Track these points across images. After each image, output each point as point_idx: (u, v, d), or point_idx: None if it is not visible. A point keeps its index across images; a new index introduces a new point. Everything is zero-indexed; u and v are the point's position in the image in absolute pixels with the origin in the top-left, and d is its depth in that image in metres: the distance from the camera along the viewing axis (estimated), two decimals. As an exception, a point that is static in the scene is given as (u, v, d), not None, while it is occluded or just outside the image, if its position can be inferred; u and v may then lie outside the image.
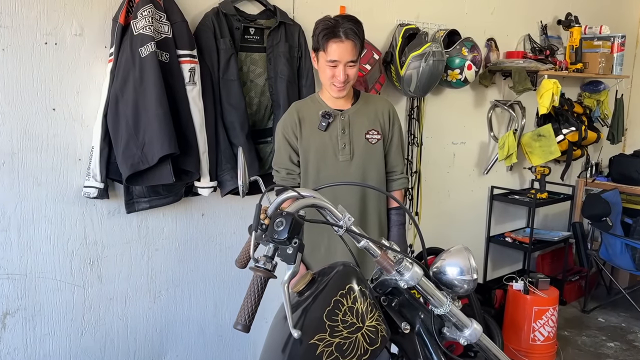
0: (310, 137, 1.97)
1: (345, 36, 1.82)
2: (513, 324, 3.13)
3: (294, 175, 2.00)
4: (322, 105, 1.98)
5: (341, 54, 1.83)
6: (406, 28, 2.76)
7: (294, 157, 1.99)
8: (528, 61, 3.29)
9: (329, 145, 1.96)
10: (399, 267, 1.28)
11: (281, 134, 1.99)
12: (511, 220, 3.91)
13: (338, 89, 1.91)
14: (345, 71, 1.86)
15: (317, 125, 1.95)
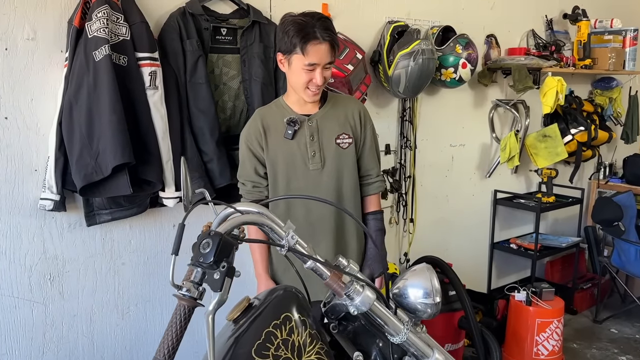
0: (277, 146, 1.83)
1: (322, 37, 1.69)
2: (515, 337, 2.95)
3: (261, 188, 1.87)
4: (287, 111, 1.84)
5: (320, 56, 1.70)
6: (395, 25, 2.62)
7: (260, 169, 1.86)
8: (530, 58, 3.11)
9: (297, 154, 1.82)
10: (348, 290, 1.14)
11: (245, 144, 1.85)
12: (517, 225, 3.72)
13: (314, 93, 1.78)
14: (322, 74, 1.74)
15: (284, 133, 1.81)
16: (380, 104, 2.84)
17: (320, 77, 1.73)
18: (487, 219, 3.56)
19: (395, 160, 2.96)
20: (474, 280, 3.48)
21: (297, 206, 1.86)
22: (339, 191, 1.86)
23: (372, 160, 1.95)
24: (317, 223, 1.85)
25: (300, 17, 1.72)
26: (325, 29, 1.69)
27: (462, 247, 3.42)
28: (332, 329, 1.19)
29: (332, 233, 1.86)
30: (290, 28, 1.70)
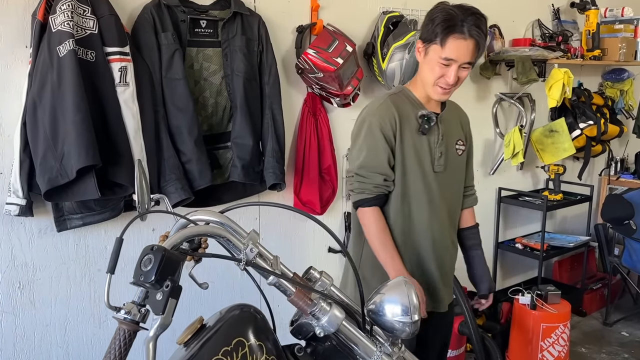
0: (410, 140, 1.67)
1: (469, 33, 1.54)
2: (519, 343, 2.82)
3: (389, 182, 1.67)
4: (418, 105, 1.69)
5: (461, 53, 1.56)
6: (389, 16, 2.48)
7: (391, 161, 1.67)
8: (535, 49, 2.96)
9: (426, 153, 1.68)
10: (313, 309, 1.02)
11: (378, 130, 1.64)
12: (523, 224, 3.57)
13: (442, 92, 1.63)
14: (457, 73, 1.59)
15: (416, 127, 1.66)
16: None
17: (454, 75, 1.58)
18: (491, 218, 3.41)
19: (392, 158, 2.83)
20: (477, 281, 3.34)
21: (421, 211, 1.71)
22: (453, 198, 1.78)
23: (471, 173, 1.90)
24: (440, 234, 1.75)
25: (453, 8, 1.59)
26: (476, 26, 1.55)
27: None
28: (297, 351, 1.07)
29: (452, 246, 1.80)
30: (438, 16, 1.58)
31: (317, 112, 2.39)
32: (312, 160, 2.36)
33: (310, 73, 2.22)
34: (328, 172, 2.44)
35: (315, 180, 2.37)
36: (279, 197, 2.34)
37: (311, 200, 2.38)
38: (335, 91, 2.28)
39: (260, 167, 2.13)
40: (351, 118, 2.58)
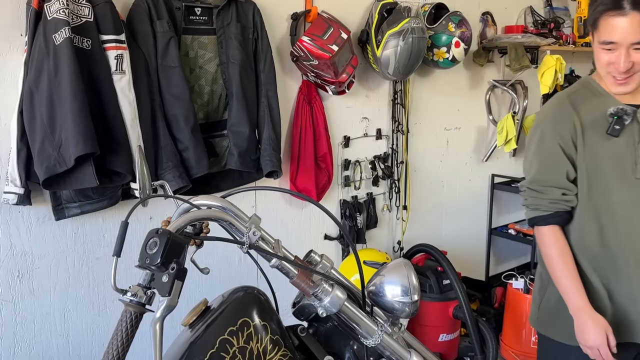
0: (596, 144, 1.43)
1: (632, 6, 1.30)
2: (513, 326, 2.86)
3: (570, 196, 1.45)
4: (607, 98, 1.44)
5: (621, 33, 1.31)
6: (383, 3, 2.48)
7: (572, 173, 1.45)
8: (527, 36, 2.98)
9: (621, 158, 1.42)
10: (316, 290, 1.04)
11: (553, 138, 1.44)
12: (516, 210, 3.60)
13: (618, 82, 1.38)
14: (628, 57, 1.34)
15: (605, 127, 1.42)
16: (370, 86, 2.72)
17: (625, 61, 1.33)
18: (484, 205, 3.45)
19: (387, 146, 2.85)
20: (471, 267, 3.39)
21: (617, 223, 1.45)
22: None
23: None
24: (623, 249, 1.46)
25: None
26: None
27: (458, 234, 3.32)
28: (300, 332, 1.09)
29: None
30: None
31: (312, 100, 2.40)
32: (307, 148, 2.37)
33: (305, 60, 2.22)
34: (324, 159, 2.46)
35: (311, 168, 2.39)
36: (276, 184, 2.35)
37: (307, 188, 2.40)
38: (330, 79, 2.29)
39: (257, 154, 2.14)
40: (346, 106, 2.63)
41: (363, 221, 2.76)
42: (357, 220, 2.71)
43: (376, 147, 2.81)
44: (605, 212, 1.44)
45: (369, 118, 2.74)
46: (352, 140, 2.68)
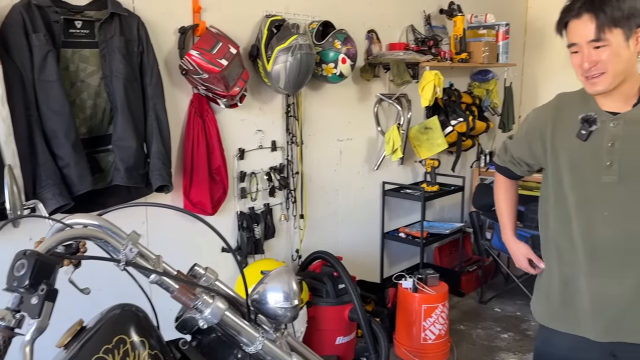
0: (563, 143, 1.52)
1: (585, 8, 1.38)
2: (404, 324, 3.04)
3: (519, 168, 1.72)
4: (588, 104, 1.49)
5: (578, 33, 1.40)
6: (272, 20, 2.56)
7: (529, 160, 1.66)
8: (408, 53, 3.20)
9: (588, 161, 1.48)
10: (196, 302, 1.07)
11: (525, 127, 1.65)
12: (406, 215, 3.84)
13: (590, 82, 1.43)
14: (590, 56, 1.39)
15: (576, 131, 1.50)
16: (263, 99, 2.78)
17: (587, 59, 1.39)
18: (377, 210, 3.63)
19: (282, 157, 2.92)
20: (367, 270, 3.55)
21: (578, 228, 1.53)
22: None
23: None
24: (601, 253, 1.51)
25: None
26: (590, 1, 1.37)
27: (354, 239, 3.47)
28: (181, 345, 1.11)
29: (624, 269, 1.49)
30: None
31: (204, 113, 2.41)
32: (200, 161, 2.37)
33: (194, 74, 2.23)
34: (218, 172, 2.47)
35: (205, 181, 2.39)
36: (167, 199, 2.33)
37: (202, 201, 2.40)
38: (221, 92, 2.32)
39: (146, 169, 2.11)
40: (240, 118, 2.66)
41: (261, 232, 2.80)
42: (254, 231, 2.75)
43: (271, 159, 2.87)
44: (569, 207, 1.53)
45: (263, 130, 2.79)
46: (247, 153, 2.72)
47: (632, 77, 1.43)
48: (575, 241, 1.53)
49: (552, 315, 1.64)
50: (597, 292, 1.51)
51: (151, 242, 2.36)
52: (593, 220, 1.49)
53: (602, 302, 1.51)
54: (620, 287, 1.49)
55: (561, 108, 1.57)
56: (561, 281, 1.60)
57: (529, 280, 3.89)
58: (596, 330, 1.53)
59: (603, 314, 1.51)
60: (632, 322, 1.50)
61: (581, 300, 1.54)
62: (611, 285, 1.49)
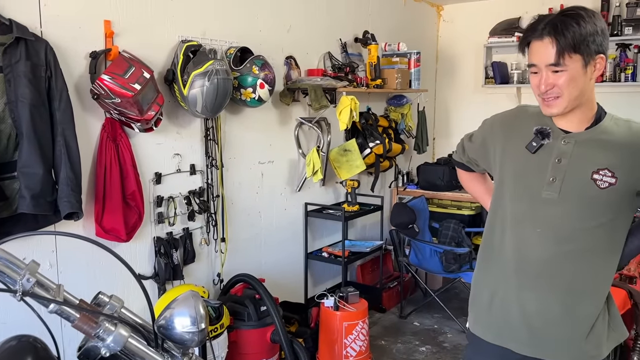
0: (512, 153, 1.53)
1: (547, 32, 1.37)
2: (326, 342, 3.09)
3: (471, 165, 1.78)
4: (544, 119, 1.50)
5: (539, 55, 1.40)
6: (187, 45, 2.58)
7: (483, 164, 1.71)
8: (325, 79, 3.32)
9: (532, 174, 1.49)
10: (98, 331, 1.06)
11: (481, 132, 1.69)
12: (329, 234, 3.93)
13: (546, 104, 1.44)
14: (546, 78, 1.40)
15: (527, 142, 1.50)
16: (180, 123, 2.77)
17: (545, 82, 1.40)
18: (300, 231, 3.69)
19: (202, 180, 2.92)
20: (291, 291, 3.59)
21: (510, 236, 1.54)
22: (580, 233, 1.45)
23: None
24: (530, 269, 1.50)
25: (544, 15, 1.45)
26: (551, 23, 1.37)
27: (277, 260, 3.50)
28: (84, 375, 1.09)
29: (551, 286, 1.48)
30: None
31: (117, 137, 2.37)
32: (114, 187, 2.33)
33: (106, 99, 2.21)
34: (133, 197, 2.43)
35: (118, 207, 2.34)
36: (78, 226, 2.26)
37: (115, 228, 2.35)
38: (135, 116, 2.30)
39: (54, 196, 2.05)
40: (156, 143, 2.65)
41: (180, 257, 2.76)
42: (173, 256, 2.71)
43: (191, 182, 2.86)
44: (507, 218, 1.54)
45: (181, 154, 2.78)
46: (165, 177, 2.70)
47: (588, 102, 1.45)
48: (507, 253, 1.54)
49: (480, 323, 1.65)
50: (523, 306, 1.51)
51: (62, 271, 2.28)
52: (526, 235, 1.49)
53: (527, 316, 1.51)
54: (546, 304, 1.49)
55: (518, 118, 1.58)
56: (490, 290, 1.60)
57: (445, 294, 4.10)
58: (519, 343, 1.53)
59: (527, 328, 1.52)
60: (554, 340, 1.50)
61: (508, 312, 1.55)
62: (537, 301, 1.50)
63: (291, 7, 3.38)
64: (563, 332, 1.50)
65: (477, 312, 1.67)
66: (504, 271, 1.56)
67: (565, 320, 1.49)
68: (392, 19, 4.42)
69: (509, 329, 1.56)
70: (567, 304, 1.48)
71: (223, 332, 2.64)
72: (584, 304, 1.48)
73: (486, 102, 4.81)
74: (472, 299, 1.70)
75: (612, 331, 1.54)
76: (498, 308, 1.58)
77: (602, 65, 1.41)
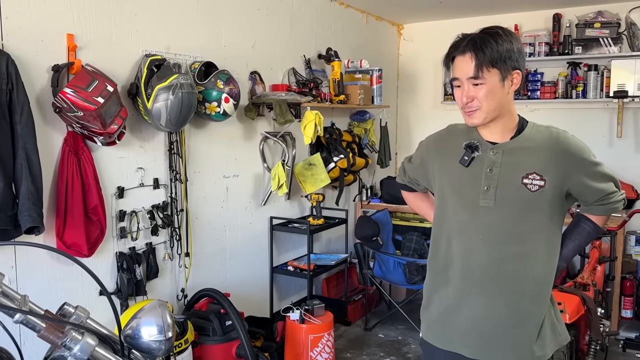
0: (448, 169, 1.63)
1: (468, 47, 1.49)
2: (292, 356, 3.10)
3: (418, 186, 1.86)
4: (472, 134, 1.61)
5: (460, 69, 1.51)
6: (152, 59, 2.59)
7: (424, 182, 1.81)
8: (290, 94, 3.37)
9: (468, 185, 1.58)
10: (64, 340, 1.06)
11: (419, 153, 1.80)
12: (294, 248, 3.95)
13: (467, 114, 1.55)
14: (467, 91, 1.51)
15: (460, 157, 1.60)
16: (144, 137, 2.76)
17: (465, 94, 1.51)
18: (265, 245, 3.70)
19: (166, 194, 2.91)
20: (257, 305, 3.58)
21: (456, 247, 1.62)
22: (519, 236, 1.55)
23: (595, 190, 1.57)
24: (476, 274, 1.58)
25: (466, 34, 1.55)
26: (472, 41, 1.49)
27: (243, 275, 3.49)
28: (48, 385, 1.08)
29: (496, 290, 1.56)
30: None
31: (79, 151, 2.35)
32: (75, 201, 2.30)
33: (69, 112, 2.19)
34: (95, 212, 2.40)
35: (80, 222, 2.31)
36: (38, 241, 2.20)
37: (77, 243, 2.31)
38: (98, 130, 2.28)
39: (14, 210, 2.01)
40: (119, 156, 2.63)
41: (143, 272, 2.73)
42: (135, 271, 2.68)
43: (154, 197, 2.84)
44: (452, 229, 1.63)
45: (144, 168, 2.77)
46: (127, 191, 2.68)
47: (507, 113, 1.56)
48: (454, 262, 1.61)
49: (432, 331, 1.70)
50: (471, 311, 1.58)
51: (21, 287, 2.22)
52: (470, 242, 1.58)
53: (474, 321, 1.58)
54: (492, 309, 1.56)
55: (449, 136, 1.69)
56: (439, 298, 1.67)
57: (408, 305, 4.17)
58: (470, 348, 1.60)
59: (477, 333, 1.58)
60: (502, 344, 1.57)
61: (456, 318, 1.61)
62: (484, 306, 1.57)
63: (255, 24, 3.44)
64: (511, 335, 1.57)
65: (428, 320, 1.72)
66: (451, 279, 1.63)
67: (513, 322, 1.57)
68: (355, 37, 4.53)
69: (459, 335, 1.62)
70: (513, 307, 1.56)
71: (188, 347, 2.61)
72: (529, 306, 1.57)
73: (445, 118, 4.93)
74: (424, 308, 1.76)
75: (556, 333, 1.63)
76: (448, 315, 1.64)
77: (519, 80, 1.53)
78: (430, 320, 1.71)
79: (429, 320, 1.72)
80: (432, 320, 1.70)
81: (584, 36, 4.25)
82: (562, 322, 1.67)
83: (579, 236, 1.67)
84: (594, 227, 1.67)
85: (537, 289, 1.58)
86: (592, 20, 4.23)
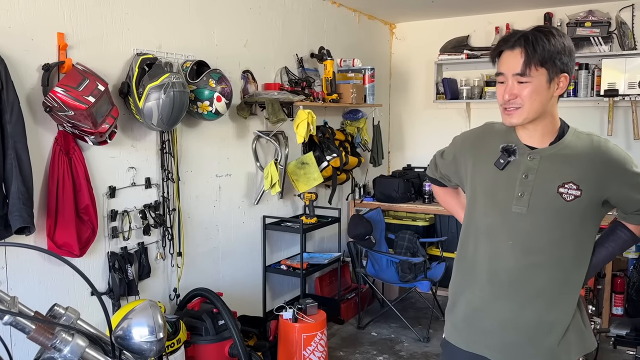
0: (482, 169, 1.58)
1: (518, 42, 1.43)
2: (286, 355, 3.10)
3: (444, 180, 1.82)
4: (510, 136, 1.55)
5: (507, 64, 1.45)
6: (143, 58, 2.58)
7: (455, 180, 1.75)
8: (282, 93, 3.37)
9: (501, 189, 1.53)
10: (54, 341, 1.05)
11: (452, 149, 1.74)
12: (287, 247, 3.95)
13: (506, 113, 1.48)
14: (511, 88, 1.45)
15: (495, 159, 1.55)
16: (135, 136, 2.75)
17: (508, 90, 1.45)
18: (258, 244, 3.69)
19: (158, 194, 2.89)
20: (250, 305, 3.58)
21: (481, 249, 1.59)
22: (549, 244, 1.51)
23: (635, 203, 1.52)
24: (502, 279, 1.55)
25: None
26: (523, 36, 1.43)
27: (235, 274, 3.48)
28: (38, 387, 1.08)
29: (523, 296, 1.53)
30: None
31: (70, 151, 2.33)
32: (66, 201, 2.28)
33: (59, 111, 2.17)
34: (86, 211, 2.39)
35: (71, 221, 2.30)
36: (29, 241, 2.19)
37: (68, 243, 2.30)
38: (89, 129, 2.27)
39: (5, 210, 1.99)
40: (110, 156, 2.61)
41: (135, 272, 2.72)
42: (127, 271, 2.66)
43: (146, 196, 2.83)
44: (479, 230, 1.59)
45: (136, 167, 2.76)
46: (119, 190, 2.66)
47: (549, 116, 1.50)
48: (481, 264, 1.58)
49: (456, 332, 1.68)
50: (497, 315, 1.56)
51: (12, 288, 2.21)
52: (499, 247, 1.54)
53: (501, 324, 1.56)
54: (520, 314, 1.54)
55: (485, 135, 1.63)
56: (465, 299, 1.64)
57: (401, 303, 4.18)
58: (493, 350, 1.57)
59: (501, 336, 1.56)
60: (529, 349, 1.55)
61: (482, 320, 1.59)
62: (511, 310, 1.54)
63: (248, 22, 3.43)
64: (536, 340, 1.55)
65: (453, 320, 1.70)
66: (478, 281, 1.60)
67: (538, 328, 1.55)
68: (347, 36, 4.53)
69: (483, 337, 1.60)
70: (539, 313, 1.54)
71: (180, 347, 2.61)
72: (555, 312, 1.54)
73: (437, 117, 4.99)
74: (449, 309, 1.73)
75: (583, 339, 1.60)
76: (473, 316, 1.62)
77: (565, 84, 1.48)
78: (456, 322, 1.69)
79: (454, 321, 1.69)
80: (457, 322, 1.67)
81: (574, 35, 4.27)
82: (589, 328, 1.64)
83: (614, 243, 1.62)
84: (630, 236, 1.62)
85: (565, 296, 1.55)
86: (582, 20, 4.26)
